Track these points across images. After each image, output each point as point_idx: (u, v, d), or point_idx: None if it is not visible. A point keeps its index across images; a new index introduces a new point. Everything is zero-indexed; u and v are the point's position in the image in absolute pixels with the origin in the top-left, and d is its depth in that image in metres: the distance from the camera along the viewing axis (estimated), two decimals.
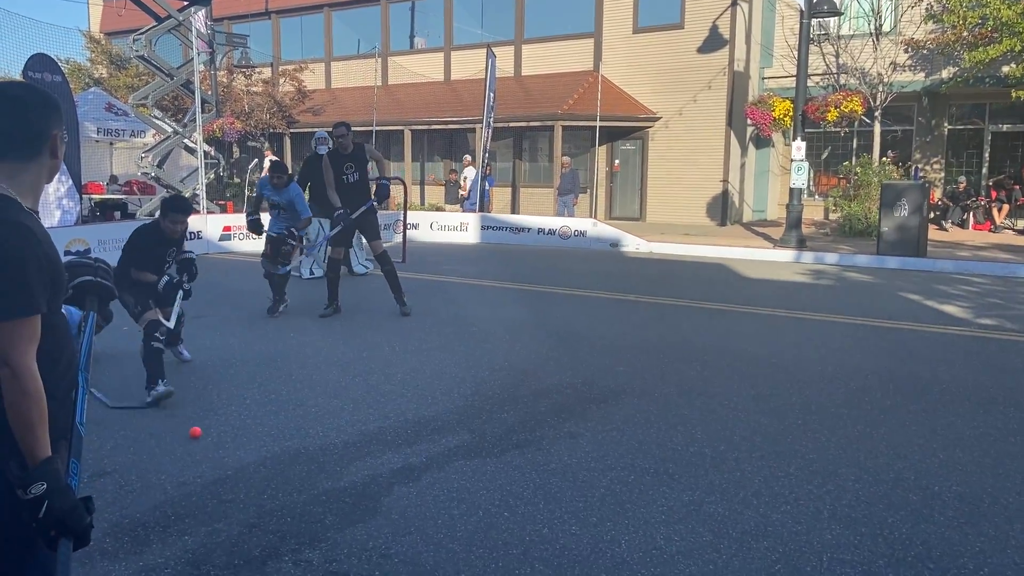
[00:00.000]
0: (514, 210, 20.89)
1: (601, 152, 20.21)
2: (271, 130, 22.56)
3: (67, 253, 11.14)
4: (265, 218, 8.86)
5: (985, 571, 3.28)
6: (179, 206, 5.67)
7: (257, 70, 23.31)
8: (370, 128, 20.73)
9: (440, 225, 17.14)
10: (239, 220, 15.16)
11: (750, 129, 18.60)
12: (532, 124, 20.09)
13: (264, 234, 8.70)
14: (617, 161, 20.61)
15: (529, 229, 16.51)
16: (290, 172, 8.96)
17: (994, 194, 16.96)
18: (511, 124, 20.08)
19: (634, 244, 15.37)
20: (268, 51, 25.32)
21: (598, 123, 18.27)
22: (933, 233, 14.94)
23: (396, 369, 6.28)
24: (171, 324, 5.74)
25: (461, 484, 4.06)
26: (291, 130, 23.11)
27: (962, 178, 17.45)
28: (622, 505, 3.85)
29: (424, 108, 21.87)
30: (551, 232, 16.28)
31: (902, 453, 4.58)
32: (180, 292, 5.79)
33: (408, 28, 24.56)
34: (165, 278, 5.70)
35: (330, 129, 9.05)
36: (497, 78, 18.77)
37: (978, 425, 5.07)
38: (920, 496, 4.00)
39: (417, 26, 24.33)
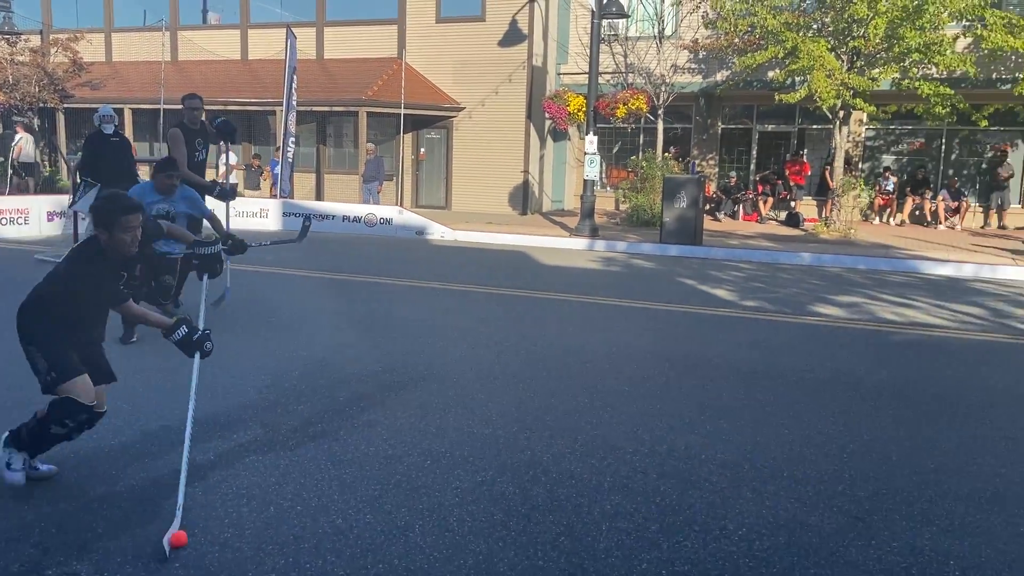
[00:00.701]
0: (318, 197, 20.35)
1: (407, 140, 20.17)
2: (41, 104, 20.37)
3: None
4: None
5: (743, 531, 3.66)
6: (129, 203, 3.80)
7: (23, 37, 20.92)
8: (157, 106, 19.33)
9: (239, 211, 16.30)
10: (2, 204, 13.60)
11: (548, 122, 19.30)
12: (336, 109, 19.65)
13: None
14: (423, 149, 20.65)
15: (334, 216, 16.17)
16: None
17: (760, 188, 18.81)
18: (314, 108, 19.52)
19: (439, 232, 15.52)
20: (36, 17, 22.80)
21: (403, 111, 18.21)
22: (708, 223, 16.31)
23: (182, 363, 5.93)
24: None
25: (252, 480, 3.93)
26: (65, 105, 21.01)
27: (733, 173, 19.23)
28: (417, 491, 3.91)
29: (219, 88, 20.67)
30: (356, 219, 16.06)
31: (675, 425, 5.00)
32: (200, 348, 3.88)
33: (200, 1, 23.10)
34: (181, 332, 3.80)
35: (116, 106, 8.26)
36: (299, 60, 18.15)
37: (740, 397, 5.64)
38: (689, 464, 4.39)
39: (210, 0, 22.95)
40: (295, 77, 17.44)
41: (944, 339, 7.74)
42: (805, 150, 18.97)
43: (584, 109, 16.52)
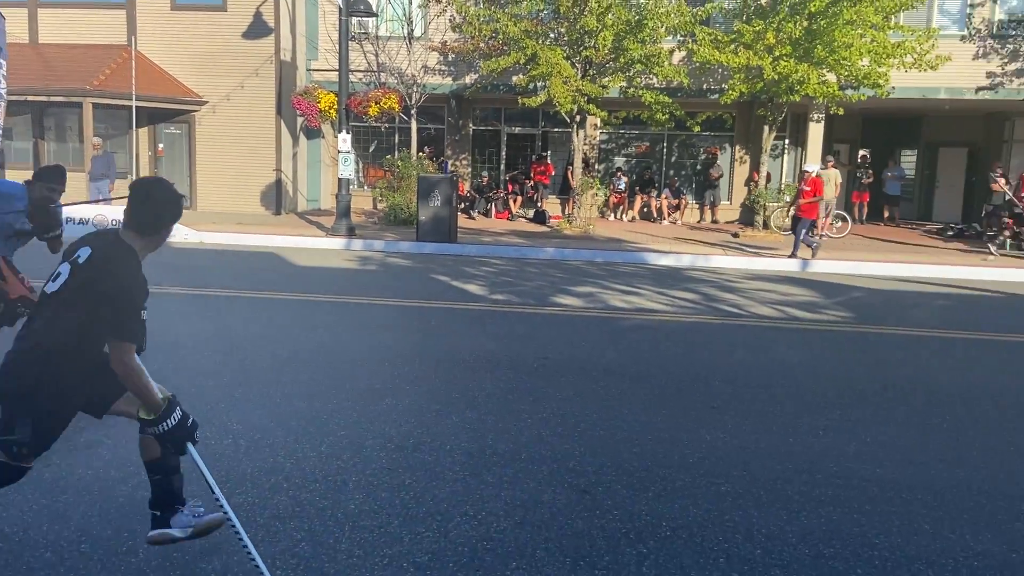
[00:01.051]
0: None
1: (142, 135, 18.63)
2: None
3: None
4: None
5: (483, 514, 3.82)
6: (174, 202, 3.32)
7: None
8: None
9: None
10: None
11: (300, 119, 18.77)
12: (55, 99, 17.65)
13: None
14: (161, 145, 19.19)
15: None
16: None
17: (511, 187, 19.69)
18: (28, 98, 17.37)
19: (182, 234, 14.50)
20: None
21: (134, 102, 16.78)
22: (463, 221, 16.79)
23: None
24: None
25: None
26: None
27: (485, 173, 19.94)
28: (144, 512, 3.63)
29: None
30: (83, 222, 14.55)
31: (424, 420, 5.10)
32: None
33: None
34: (175, 417, 3.26)
35: None
36: (9, 44, 16.04)
37: (485, 387, 5.87)
38: (434, 456, 4.51)
39: None
40: (3, 62, 15.42)
41: (664, 322, 8.60)
42: (549, 152, 20.10)
43: (336, 107, 16.26)
